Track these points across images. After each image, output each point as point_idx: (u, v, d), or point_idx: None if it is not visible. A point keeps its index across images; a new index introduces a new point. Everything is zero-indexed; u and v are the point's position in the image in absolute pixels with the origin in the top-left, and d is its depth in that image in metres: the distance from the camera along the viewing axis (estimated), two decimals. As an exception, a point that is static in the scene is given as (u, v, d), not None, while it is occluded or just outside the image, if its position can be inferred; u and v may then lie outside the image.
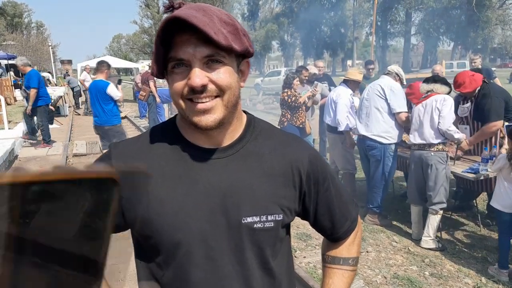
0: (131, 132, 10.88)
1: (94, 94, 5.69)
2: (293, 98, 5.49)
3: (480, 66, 6.86)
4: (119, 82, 6.51)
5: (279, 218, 0.90)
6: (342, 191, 1.06)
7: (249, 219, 0.86)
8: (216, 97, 0.81)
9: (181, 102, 0.82)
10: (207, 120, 0.81)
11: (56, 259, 0.39)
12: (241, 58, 0.87)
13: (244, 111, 0.98)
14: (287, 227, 0.99)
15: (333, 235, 1.07)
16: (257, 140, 0.94)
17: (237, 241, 0.87)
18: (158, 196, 0.85)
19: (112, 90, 5.63)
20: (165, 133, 0.92)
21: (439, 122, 3.65)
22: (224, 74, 0.80)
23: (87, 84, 14.46)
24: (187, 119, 0.84)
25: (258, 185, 0.89)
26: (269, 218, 0.88)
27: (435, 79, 3.87)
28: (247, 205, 0.87)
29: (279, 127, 5.77)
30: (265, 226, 0.88)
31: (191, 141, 0.89)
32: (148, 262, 0.92)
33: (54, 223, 0.38)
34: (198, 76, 0.77)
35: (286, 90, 5.57)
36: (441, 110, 3.64)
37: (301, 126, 5.60)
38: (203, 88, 0.78)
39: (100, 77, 5.78)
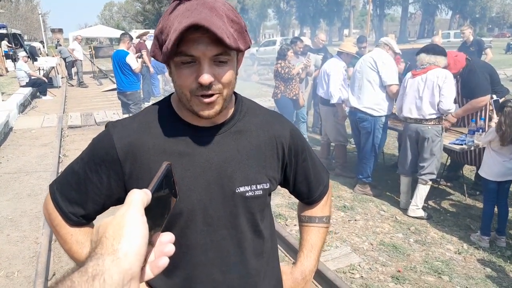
0: (125, 103, 10.85)
1: (116, 62, 6.24)
2: (287, 70, 5.51)
3: (471, 38, 6.86)
4: (140, 56, 6.87)
5: (267, 187, 1.03)
6: (316, 160, 1.22)
7: (242, 189, 0.99)
8: (218, 93, 0.90)
9: (187, 94, 0.90)
10: (209, 112, 0.91)
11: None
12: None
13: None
14: (270, 194, 1.12)
15: (309, 199, 1.24)
16: (245, 118, 1.05)
17: (231, 208, 0.99)
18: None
19: (131, 60, 6.15)
20: (161, 113, 1.01)
21: (440, 101, 3.66)
22: (227, 72, 0.89)
23: (77, 55, 14.03)
24: (189, 108, 0.92)
25: (248, 158, 1.01)
26: (258, 187, 1.01)
27: (436, 50, 3.80)
28: (239, 176, 0.99)
29: (273, 99, 5.83)
30: (255, 194, 1.01)
31: (187, 120, 0.98)
32: None
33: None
34: (207, 75, 0.85)
35: (280, 61, 5.59)
36: (442, 88, 3.63)
37: (294, 98, 5.66)
38: (210, 85, 0.87)
39: (122, 47, 6.32)
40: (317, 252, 1.23)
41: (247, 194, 1.00)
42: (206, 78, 0.85)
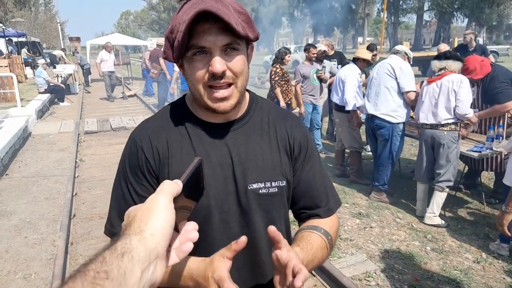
0: (140, 110, 11.00)
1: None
2: (276, 78, 5.73)
3: (474, 43, 6.74)
4: None
5: (283, 184, 1.02)
6: (326, 176, 1.13)
7: (254, 185, 0.99)
8: (230, 84, 0.91)
9: (201, 89, 0.91)
10: (225, 106, 0.92)
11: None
12: (248, 42, 0.96)
13: (246, 89, 1.07)
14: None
15: (312, 210, 1.08)
16: (259, 114, 1.06)
17: (245, 205, 0.99)
18: (177, 169, 0.96)
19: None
20: (177, 112, 1.03)
21: (457, 106, 3.62)
22: (239, 62, 0.90)
23: (104, 67, 12.12)
24: (205, 105, 0.93)
25: (262, 155, 1.01)
26: (273, 184, 1.00)
27: (447, 55, 3.80)
28: (253, 173, 0.99)
29: None
30: (269, 191, 1.00)
31: (202, 118, 1.00)
32: None
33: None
34: (219, 63, 0.86)
35: (275, 65, 5.76)
36: (458, 93, 3.60)
37: (288, 102, 5.87)
38: (223, 74, 0.88)
39: None
40: (314, 260, 0.96)
41: (260, 191, 0.99)
42: (218, 67, 0.86)
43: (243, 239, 0.78)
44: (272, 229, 0.79)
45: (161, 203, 0.58)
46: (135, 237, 0.53)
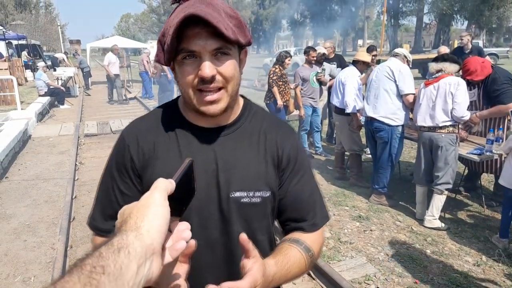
0: (140, 112, 10.99)
1: None
2: (274, 77, 5.87)
3: (470, 45, 6.76)
4: None
5: (266, 195, 0.99)
6: (316, 190, 1.10)
7: (237, 194, 0.96)
8: (221, 88, 0.90)
9: (191, 92, 0.90)
10: (214, 109, 0.91)
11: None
12: (241, 47, 0.96)
13: (241, 95, 1.07)
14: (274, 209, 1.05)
15: (297, 223, 1.05)
16: (251, 122, 1.04)
17: (226, 213, 0.97)
18: (161, 171, 0.95)
19: None
20: (168, 114, 1.03)
21: (453, 108, 3.63)
22: (229, 66, 0.89)
23: (112, 70, 12.04)
24: (194, 107, 0.93)
25: (249, 163, 0.99)
26: (256, 194, 0.97)
27: (444, 57, 3.82)
28: (237, 181, 0.97)
29: (264, 103, 6.03)
30: (251, 201, 0.97)
31: (192, 122, 0.99)
32: None
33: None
34: (209, 68, 0.85)
35: (276, 66, 5.89)
36: (455, 95, 3.61)
37: (285, 104, 5.94)
38: (212, 78, 0.87)
39: None
40: (288, 274, 0.93)
41: (242, 200, 0.96)
42: (207, 71, 0.85)
43: (192, 243, 0.74)
44: (243, 237, 0.77)
45: (156, 200, 0.58)
46: (131, 233, 0.53)
